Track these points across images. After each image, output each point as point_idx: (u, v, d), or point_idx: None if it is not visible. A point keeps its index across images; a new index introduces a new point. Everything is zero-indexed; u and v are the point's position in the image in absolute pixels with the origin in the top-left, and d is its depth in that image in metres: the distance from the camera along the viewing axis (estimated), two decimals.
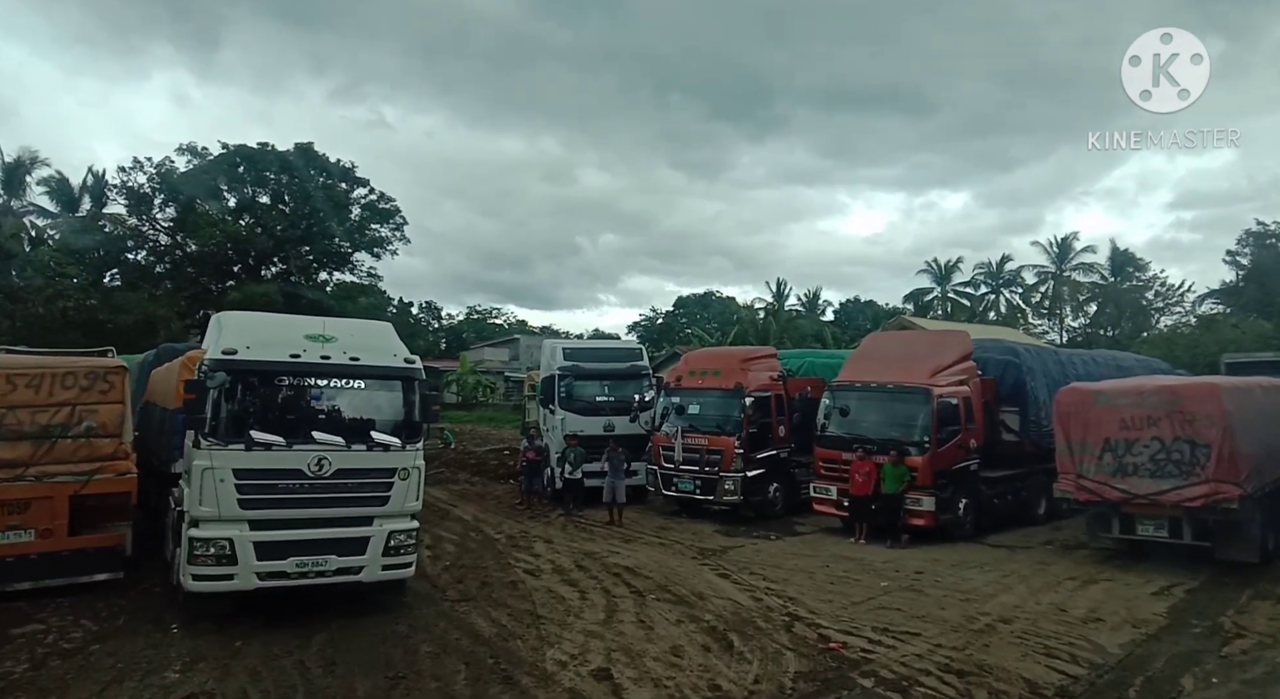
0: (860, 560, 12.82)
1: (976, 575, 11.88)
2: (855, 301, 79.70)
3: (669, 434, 16.89)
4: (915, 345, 16.56)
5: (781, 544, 14.34)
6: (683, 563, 12.50)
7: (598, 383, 18.79)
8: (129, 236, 48.58)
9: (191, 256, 49.60)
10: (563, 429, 17.99)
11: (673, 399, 17.32)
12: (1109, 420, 12.40)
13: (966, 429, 14.73)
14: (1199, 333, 29.83)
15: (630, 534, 14.94)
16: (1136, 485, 12.10)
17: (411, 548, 9.66)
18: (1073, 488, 12.69)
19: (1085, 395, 12.83)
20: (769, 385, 16.99)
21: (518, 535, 14.61)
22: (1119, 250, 53.98)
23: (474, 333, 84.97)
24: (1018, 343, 18.89)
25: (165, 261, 50.51)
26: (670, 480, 16.94)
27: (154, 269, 50.34)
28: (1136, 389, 12.48)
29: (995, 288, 65.37)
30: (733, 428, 16.36)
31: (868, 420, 15.16)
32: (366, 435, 9.40)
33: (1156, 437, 11.99)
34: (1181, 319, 42.41)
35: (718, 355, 19.31)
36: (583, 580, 11.17)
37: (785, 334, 48.04)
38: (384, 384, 9.79)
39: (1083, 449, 12.64)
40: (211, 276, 50.27)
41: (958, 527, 14.56)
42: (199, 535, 8.67)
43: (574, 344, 20.80)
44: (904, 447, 14.28)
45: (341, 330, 9.91)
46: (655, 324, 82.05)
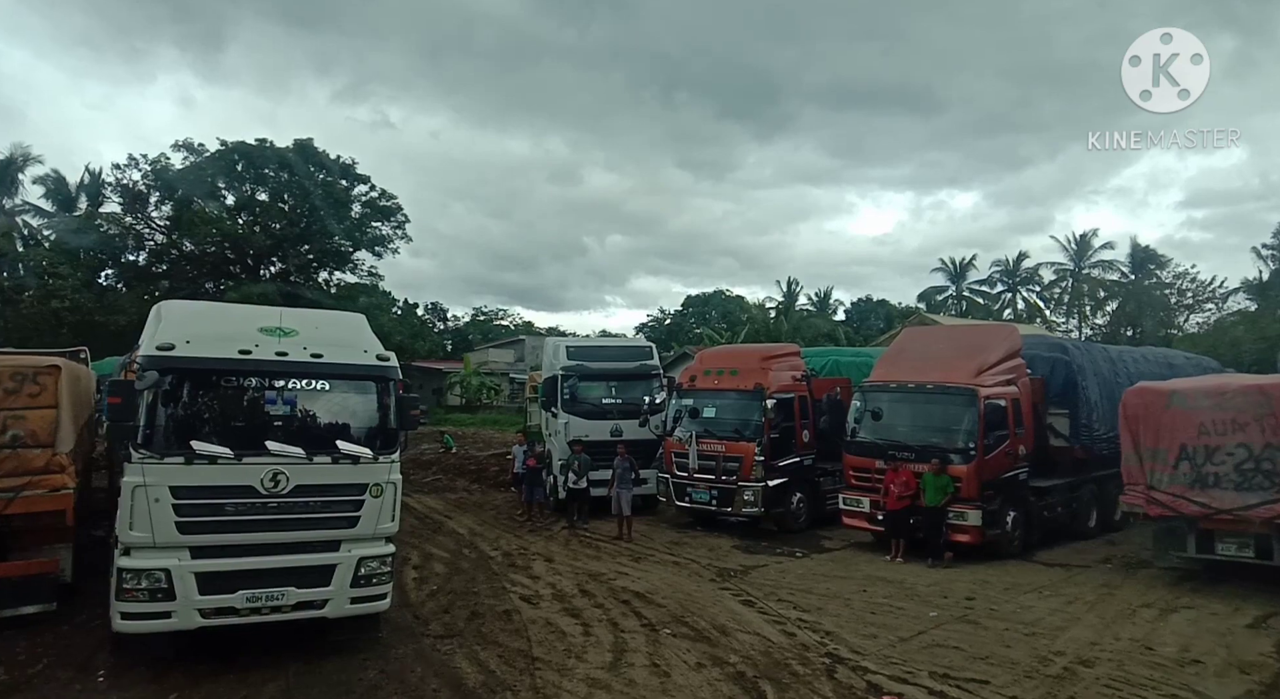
0: (900, 583, 11.34)
1: (1036, 602, 10.39)
2: (867, 301, 78.25)
3: (682, 440, 15.43)
4: (957, 341, 15.05)
5: (809, 563, 12.87)
6: (700, 587, 11.05)
7: (604, 384, 17.36)
8: (124, 235, 47.41)
9: (188, 256, 48.48)
10: (566, 434, 16.57)
11: (686, 401, 15.88)
12: (1185, 425, 10.90)
13: (1015, 434, 13.24)
14: (1243, 329, 28.29)
15: (640, 551, 13.49)
16: (1219, 499, 10.59)
17: (386, 577, 8.25)
18: (1142, 501, 11.19)
19: (1157, 396, 11.33)
20: (792, 386, 15.52)
21: (516, 553, 13.18)
22: (1139, 247, 52.45)
23: (480, 334, 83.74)
24: (1065, 339, 17.36)
25: (163, 262, 49.36)
26: (684, 490, 15.48)
27: (151, 269, 49.18)
28: (1218, 389, 10.96)
29: (1012, 286, 63.90)
30: (752, 433, 14.90)
31: (904, 425, 13.68)
32: (332, 445, 8.00)
33: (1243, 443, 10.48)
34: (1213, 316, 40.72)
35: (735, 353, 17.86)
36: (586, 610, 9.73)
37: (797, 333, 46.60)
38: (353, 386, 8.38)
39: (1154, 457, 11.14)
40: (209, 276, 49.15)
41: (1006, 543, 13.06)
42: (129, 566, 7.27)
43: (578, 342, 19.39)
44: (946, 454, 12.80)
45: (303, 323, 8.50)
46: (663, 324, 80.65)
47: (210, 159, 46.94)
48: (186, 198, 46.17)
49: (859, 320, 71.92)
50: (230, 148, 47.89)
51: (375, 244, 51.63)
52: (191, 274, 48.71)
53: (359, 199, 50.93)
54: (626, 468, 14.93)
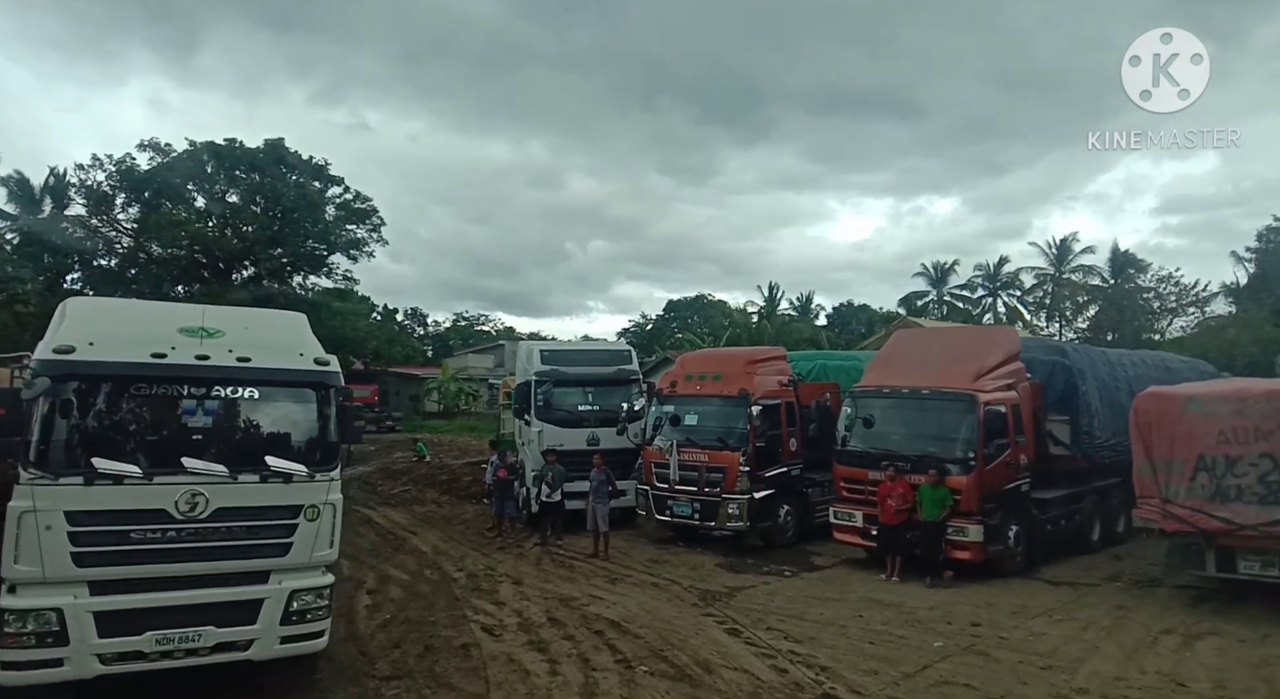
0: (899, 606, 10.45)
1: (1048, 628, 9.53)
2: (848, 306, 77.87)
3: (662, 449, 14.49)
4: (954, 344, 14.22)
5: (799, 583, 11.96)
6: (681, 613, 10.10)
7: (580, 390, 16.38)
8: (91, 238, 45.93)
9: (156, 259, 47.01)
10: (540, 443, 15.58)
11: (667, 408, 14.93)
12: (1204, 433, 10.11)
13: (1016, 443, 12.40)
14: (1235, 331, 27.79)
15: (617, 570, 12.52)
16: (1241, 513, 9.79)
17: (323, 612, 7.25)
18: (1158, 516, 10.37)
19: (1172, 402, 10.53)
20: (778, 392, 14.63)
21: (482, 574, 12.17)
22: (1119, 251, 52.30)
23: (461, 340, 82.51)
24: (1063, 342, 16.60)
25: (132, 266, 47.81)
26: (664, 503, 14.53)
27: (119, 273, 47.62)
28: (1238, 394, 10.18)
29: (993, 290, 63.72)
30: (737, 441, 13.98)
31: (898, 433, 12.81)
32: (261, 462, 7.01)
33: (1267, 453, 9.69)
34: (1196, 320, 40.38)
35: (719, 357, 16.94)
36: (554, 643, 8.75)
37: (780, 337, 45.87)
38: (288, 393, 7.41)
39: (1169, 468, 10.34)
40: (179, 281, 47.71)
41: (1008, 560, 12.22)
42: (14, 606, 6.22)
43: (553, 346, 18.40)
44: (944, 465, 11.95)
45: (231, 322, 7.50)
46: (645, 330, 79.79)
47: (178, 159, 45.57)
48: (154, 199, 44.80)
49: (840, 325, 71.53)
50: (199, 148, 46.51)
51: (350, 247, 50.36)
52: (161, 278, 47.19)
53: (333, 201, 49.67)
54: (603, 480, 13.99)
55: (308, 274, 51.76)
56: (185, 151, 46.17)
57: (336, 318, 49.13)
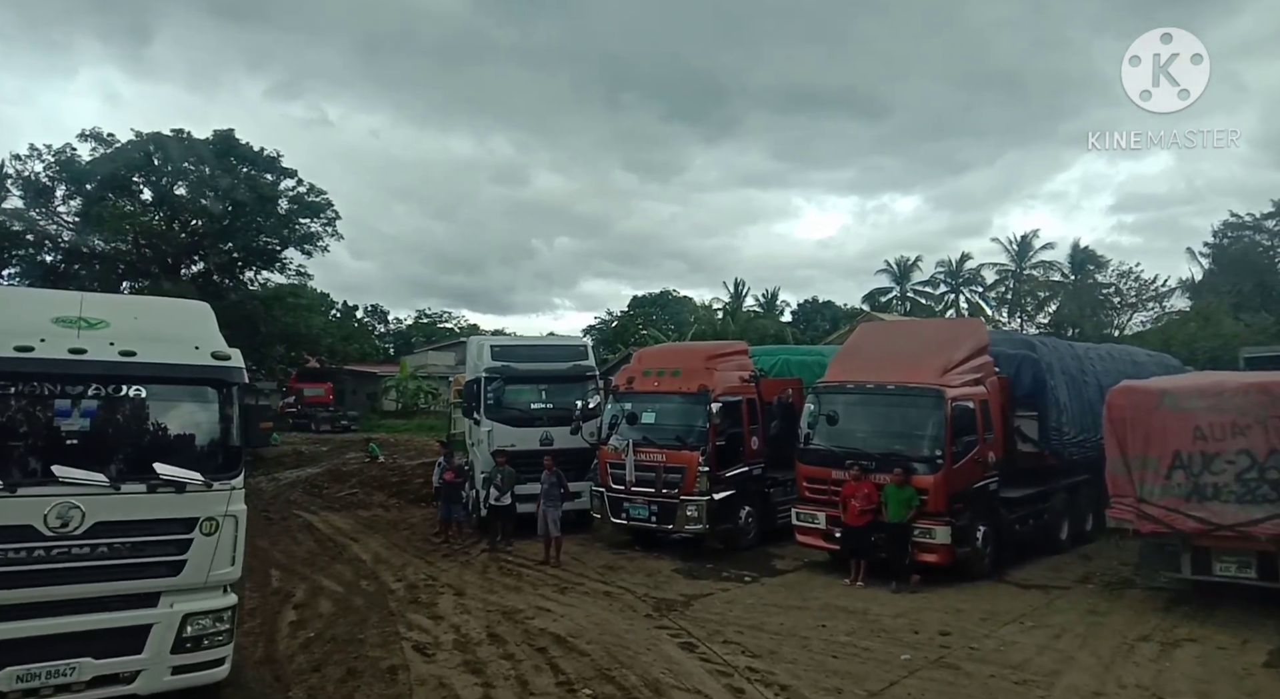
0: (864, 614, 9.87)
1: (1019, 636, 9.00)
2: (813, 302, 77.84)
3: (618, 449, 13.80)
4: (920, 337, 13.70)
5: (760, 590, 11.34)
6: (633, 626, 9.41)
7: (533, 387, 15.63)
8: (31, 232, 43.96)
9: (100, 255, 45.18)
10: (489, 443, 14.80)
11: (623, 405, 14.23)
12: (1179, 428, 9.65)
13: (984, 440, 11.92)
14: (1196, 326, 27.84)
15: (568, 578, 11.80)
16: (1218, 513, 9.35)
17: (223, 637, 6.43)
18: (1132, 515, 9.91)
19: (1146, 396, 10.07)
20: (740, 388, 14.01)
21: (422, 584, 11.38)
22: (1079, 248, 52.82)
23: (423, 337, 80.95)
24: (1031, 335, 16.21)
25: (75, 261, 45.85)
26: (620, 505, 13.83)
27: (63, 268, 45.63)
28: (1215, 388, 9.73)
29: (955, 287, 64.01)
30: (696, 440, 13.33)
31: (862, 430, 12.26)
32: (148, 469, 6.18)
33: (1245, 449, 9.25)
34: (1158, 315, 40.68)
35: (678, 352, 16.31)
36: (492, 663, 8.00)
37: (745, 334, 45.36)
38: (182, 392, 6.59)
39: (1144, 465, 9.87)
40: (125, 276, 45.91)
41: (976, 562, 11.72)
42: None
43: (505, 341, 17.63)
44: (910, 463, 11.41)
45: (117, 311, 6.66)
46: (610, 326, 79.00)
47: (122, 150, 43.80)
48: (98, 192, 43.00)
49: (806, 321, 71.41)
50: (144, 139, 44.76)
51: (304, 242, 48.86)
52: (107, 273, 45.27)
53: (285, 194, 48.14)
54: (554, 483, 13.26)
55: (260, 269, 50.32)
56: (130, 142, 44.35)
57: (290, 314, 47.77)
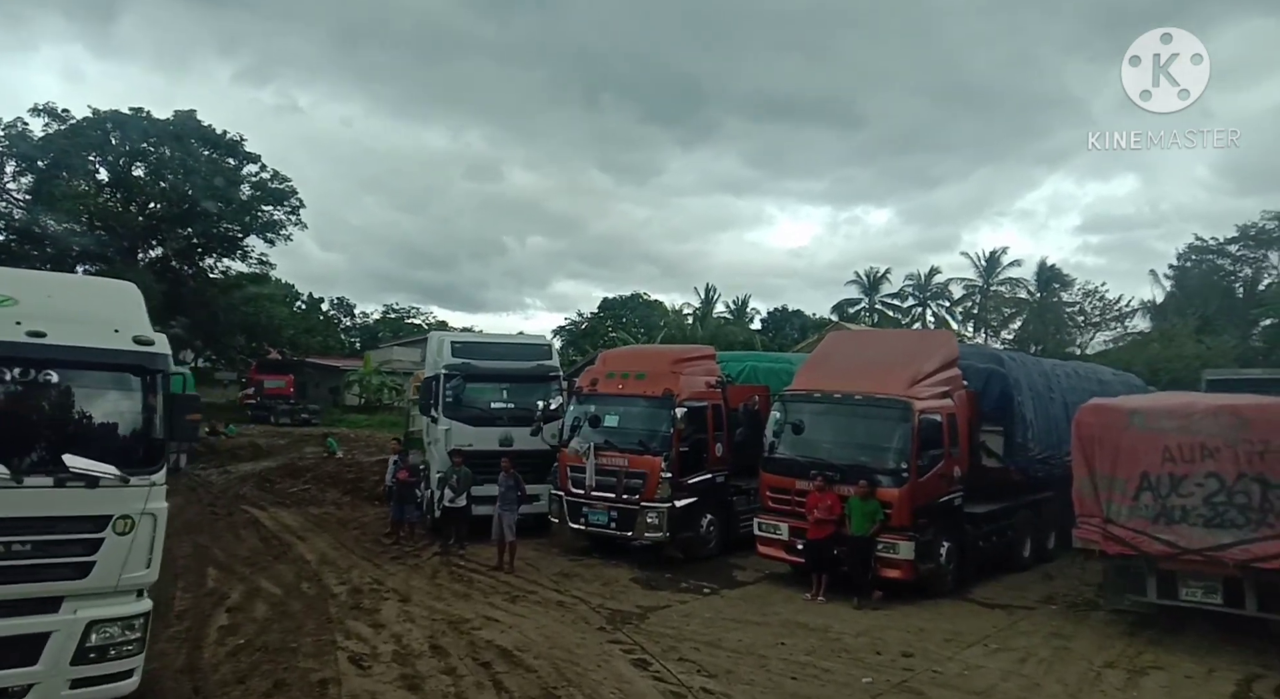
0: (824, 632, 9.55)
1: (984, 659, 8.74)
2: (783, 311, 78.06)
3: (579, 452, 13.37)
4: (889, 347, 13.47)
5: (718, 603, 10.98)
6: (585, 639, 9.00)
7: (494, 386, 15.15)
8: None
9: (53, 235, 43.68)
10: (446, 442, 14.29)
11: (586, 407, 13.82)
12: (1148, 449, 9.47)
13: (950, 454, 11.68)
14: (1159, 347, 28.14)
15: (520, 586, 11.35)
16: (1186, 536, 9.18)
17: (133, 647, 5.93)
18: (1098, 537, 9.71)
19: (1115, 415, 9.88)
20: (705, 393, 13.67)
21: (366, 588, 10.86)
22: (1045, 266, 53.54)
23: (390, 332, 79.70)
24: (999, 350, 16.09)
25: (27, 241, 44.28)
26: (579, 510, 13.40)
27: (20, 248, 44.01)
28: (1184, 409, 9.57)
29: (923, 300, 64.58)
30: (659, 445, 12.96)
31: (828, 440, 11.98)
32: (57, 461, 5.65)
33: (1214, 473, 9.09)
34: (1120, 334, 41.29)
35: (643, 355, 15.90)
36: (431, 678, 7.55)
37: (714, 340, 45.15)
38: (99, 378, 6.08)
39: (1111, 486, 9.68)
40: (79, 260, 44.45)
41: (939, 579, 11.49)
42: None
43: (466, 337, 17.10)
44: (875, 475, 11.15)
45: (28, 289, 6.11)
46: (580, 328, 78.50)
47: (78, 127, 42.40)
48: (51, 169, 41.55)
49: (775, 329, 71.56)
50: (102, 117, 43.44)
51: (266, 230, 47.73)
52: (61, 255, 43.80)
53: (248, 179, 47.02)
54: (511, 486, 12.79)
55: (221, 256, 49.06)
56: (86, 120, 43.02)
57: (251, 303, 46.63)
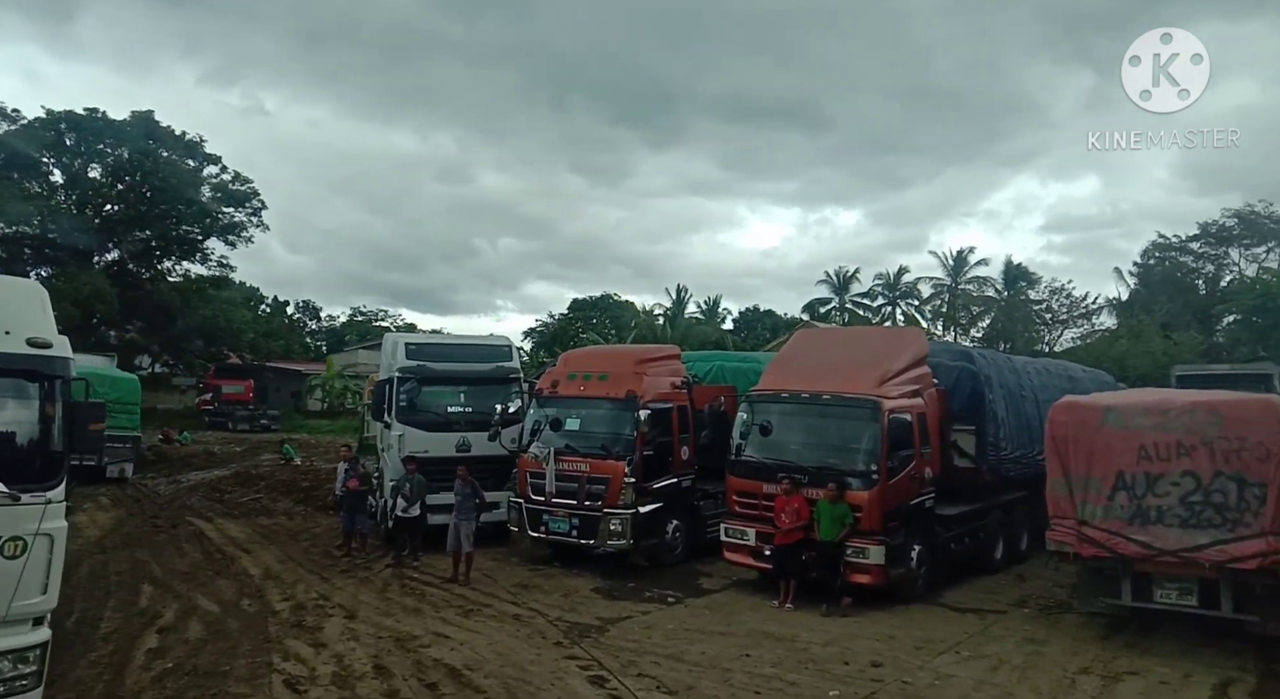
0: (791, 642, 9.15)
1: (956, 667, 8.39)
2: (754, 311, 78.01)
3: (538, 457, 12.87)
4: (858, 345, 13.12)
5: (683, 612, 10.54)
6: (540, 655, 8.51)
7: (451, 389, 14.59)
8: None
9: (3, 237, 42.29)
10: (401, 448, 13.72)
11: (546, 410, 13.32)
12: (1123, 447, 9.18)
13: (921, 455, 11.35)
14: (1127, 343, 28.24)
15: (474, 599, 10.83)
16: (1162, 537, 8.89)
17: (27, 682, 5.37)
18: (1073, 539, 9.39)
19: (1089, 413, 9.59)
20: (670, 394, 13.24)
21: (311, 604, 10.28)
22: (1012, 264, 53.99)
23: (357, 336, 78.39)
24: (969, 347, 15.86)
25: None
26: (539, 518, 12.88)
27: None
28: (1160, 406, 9.30)
29: (892, 299, 64.89)
30: (622, 449, 12.49)
31: (796, 442, 11.60)
32: None
33: (1190, 471, 8.82)
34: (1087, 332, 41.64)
35: (606, 355, 15.46)
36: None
37: (685, 340, 44.94)
38: None
39: (1086, 486, 9.38)
40: (31, 263, 43.09)
41: (910, 584, 11.14)
42: None
43: (422, 339, 16.53)
44: (844, 477, 10.78)
45: None
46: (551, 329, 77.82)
47: (29, 128, 41.10)
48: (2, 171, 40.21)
49: (747, 329, 71.50)
50: (55, 117, 42.18)
51: (227, 232, 46.70)
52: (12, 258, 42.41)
53: (209, 181, 45.94)
54: (469, 494, 12.26)
55: (180, 259, 47.86)
56: (39, 120, 41.79)
57: (209, 306, 45.52)
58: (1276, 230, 36.98)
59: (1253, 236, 37.80)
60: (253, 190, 46.89)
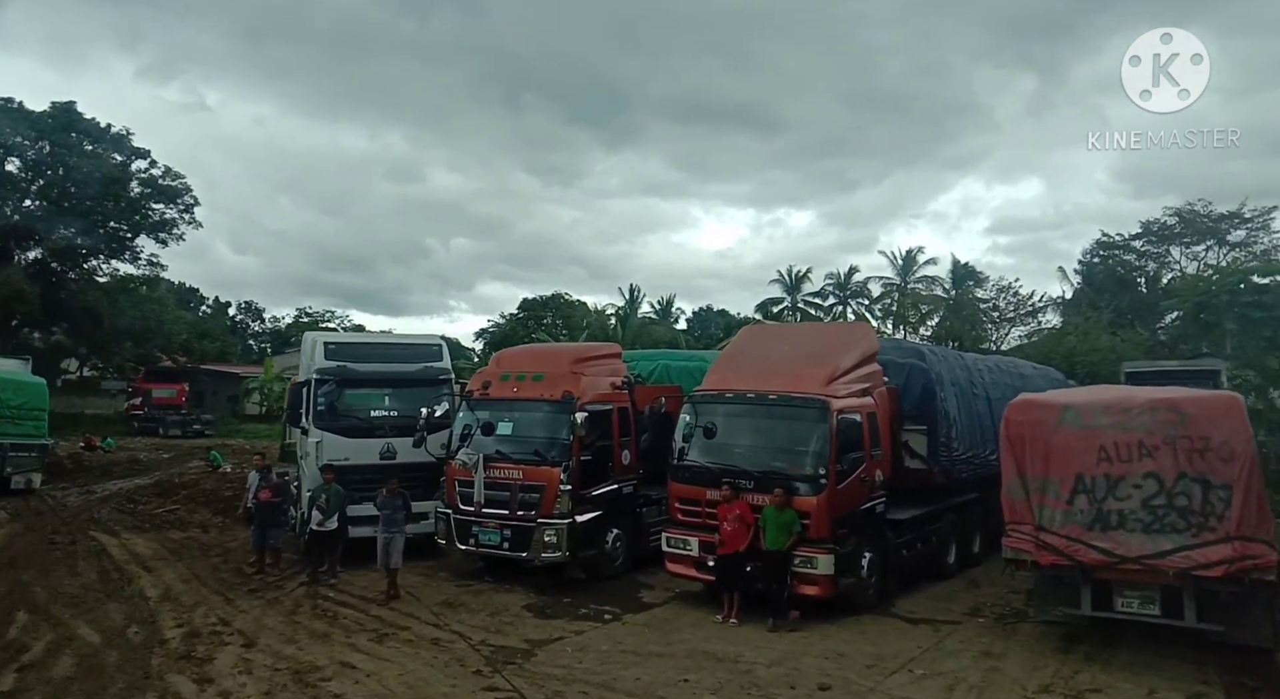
0: (735, 663, 8.44)
1: (909, 688, 7.77)
2: (708, 310, 77.80)
3: (467, 464, 11.99)
4: (805, 342, 12.45)
5: (619, 631, 9.76)
6: (456, 687, 7.65)
7: (375, 392, 13.60)
8: None
9: None
10: (318, 456, 12.70)
11: (476, 414, 12.44)
12: (1082, 448, 8.66)
13: (872, 456, 10.74)
14: (1075, 340, 28.27)
15: (392, 621, 9.90)
16: (1124, 543, 8.38)
17: None
18: (1031, 546, 8.85)
19: (1046, 412, 9.06)
20: (610, 395, 12.46)
21: (207, 631, 9.26)
22: (960, 264, 54.48)
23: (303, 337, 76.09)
24: (920, 344, 15.37)
25: None
26: (468, 529, 11.98)
27: None
28: (1121, 403, 8.79)
29: (843, 298, 65.14)
30: (558, 454, 11.67)
31: (741, 445, 10.91)
32: None
33: (1152, 472, 8.33)
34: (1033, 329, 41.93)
35: (541, 354, 14.55)
36: None
37: (638, 339, 44.31)
38: None
39: (1044, 489, 8.85)
40: None
41: (861, 593, 10.52)
42: None
43: (343, 338, 15.48)
44: (791, 482, 10.12)
45: None
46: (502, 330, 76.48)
47: None
48: None
49: (701, 329, 71.21)
50: None
51: (158, 229, 44.60)
52: None
53: (137, 175, 43.80)
54: (398, 506, 11.30)
55: (108, 258, 45.61)
56: None
57: (139, 307, 43.44)
58: (1215, 228, 37.58)
59: (1192, 235, 38.35)
60: (185, 186, 44.89)
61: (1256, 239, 37.39)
